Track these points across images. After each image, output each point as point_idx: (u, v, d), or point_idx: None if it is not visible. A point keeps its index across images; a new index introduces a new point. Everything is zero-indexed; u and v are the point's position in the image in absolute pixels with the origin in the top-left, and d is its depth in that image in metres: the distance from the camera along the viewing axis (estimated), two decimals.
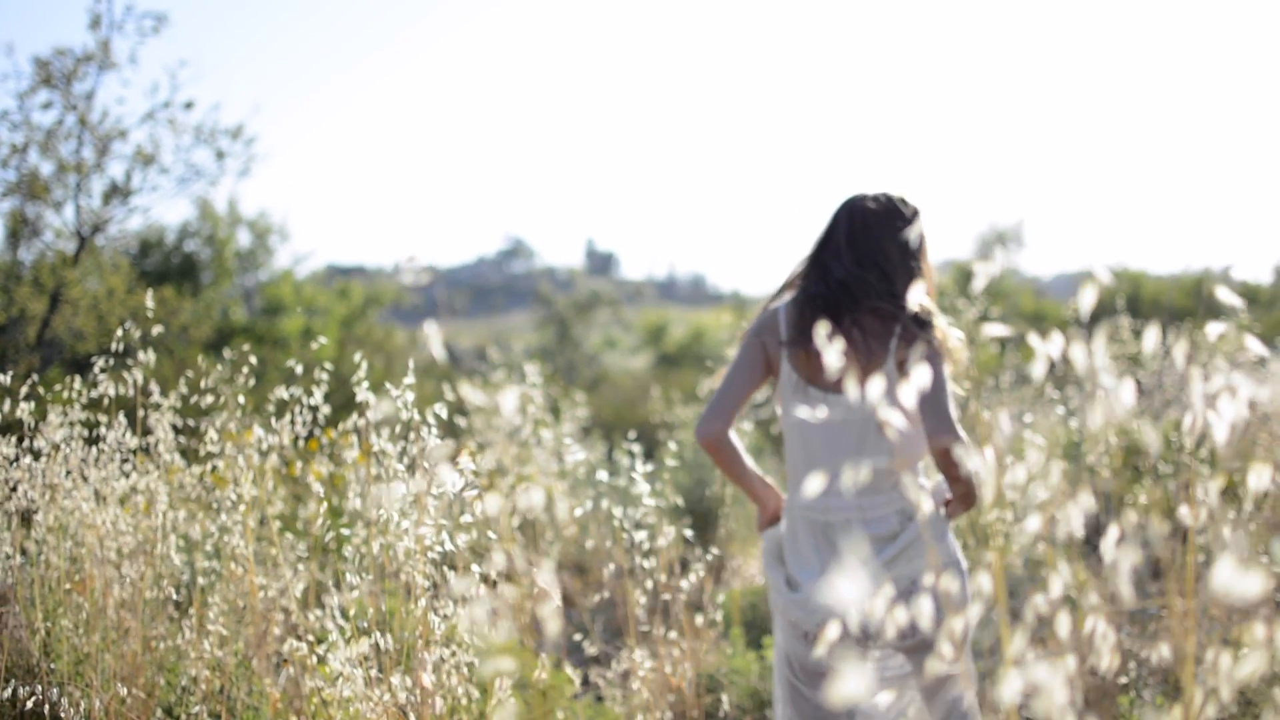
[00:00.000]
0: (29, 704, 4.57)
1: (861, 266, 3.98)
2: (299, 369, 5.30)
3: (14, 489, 5.05)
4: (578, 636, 6.58)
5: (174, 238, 25.02)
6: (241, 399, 5.23)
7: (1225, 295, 2.03)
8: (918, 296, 3.86)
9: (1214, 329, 1.91)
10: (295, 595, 4.86)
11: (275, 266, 27.88)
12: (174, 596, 5.02)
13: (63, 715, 4.57)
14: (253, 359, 5.29)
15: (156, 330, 5.26)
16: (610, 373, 37.52)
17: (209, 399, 5.22)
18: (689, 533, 5.41)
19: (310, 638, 4.36)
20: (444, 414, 4.19)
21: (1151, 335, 1.87)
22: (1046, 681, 1.68)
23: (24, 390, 5.07)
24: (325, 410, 5.32)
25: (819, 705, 4.04)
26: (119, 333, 5.14)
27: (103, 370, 5.11)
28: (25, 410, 5.01)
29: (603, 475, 5.72)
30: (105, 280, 13.28)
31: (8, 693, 4.56)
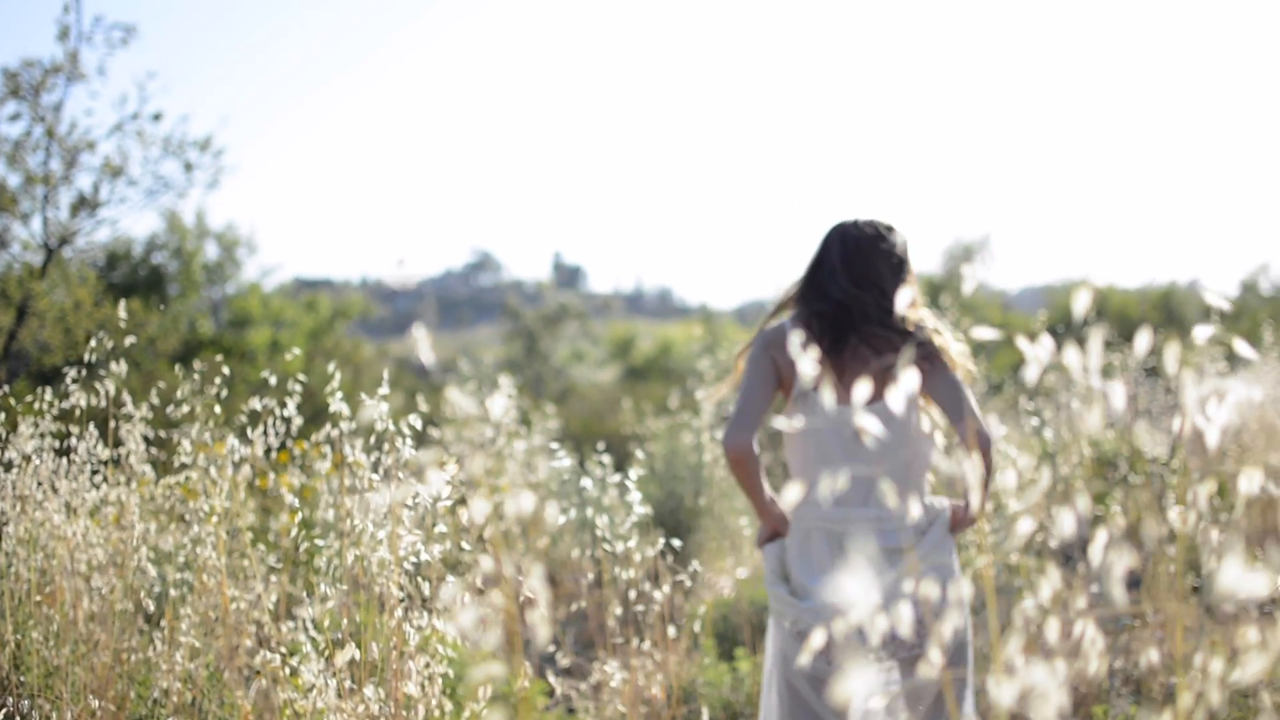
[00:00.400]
0: None
1: (860, 288, 4.16)
2: (272, 380, 5.28)
3: None
4: (550, 648, 6.57)
5: (141, 250, 24.97)
6: (217, 409, 5.21)
7: (1214, 299, 2.05)
8: (921, 312, 4.16)
9: (1202, 332, 1.93)
10: (268, 607, 4.83)
11: (243, 279, 27.89)
12: (146, 608, 4.99)
13: None
14: (225, 369, 5.27)
15: (128, 341, 5.24)
16: (578, 385, 37.55)
17: (181, 410, 5.20)
18: (677, 543, 5.40)
19: (282, 650, 4.34)
20: (418, 424, 4.20)
21: (1143, 340, 1.88)
22: (1043, 685, 1.68)
23: None
24: (298, 422, 5.30)
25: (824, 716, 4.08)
26: (92, 343, 5.12)
27: (74, 381, 5.09)
28: None
29: (587, 484, 5.72)
30: (72, 293, 13.20)
31: None
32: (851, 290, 4.14)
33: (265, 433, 5.18)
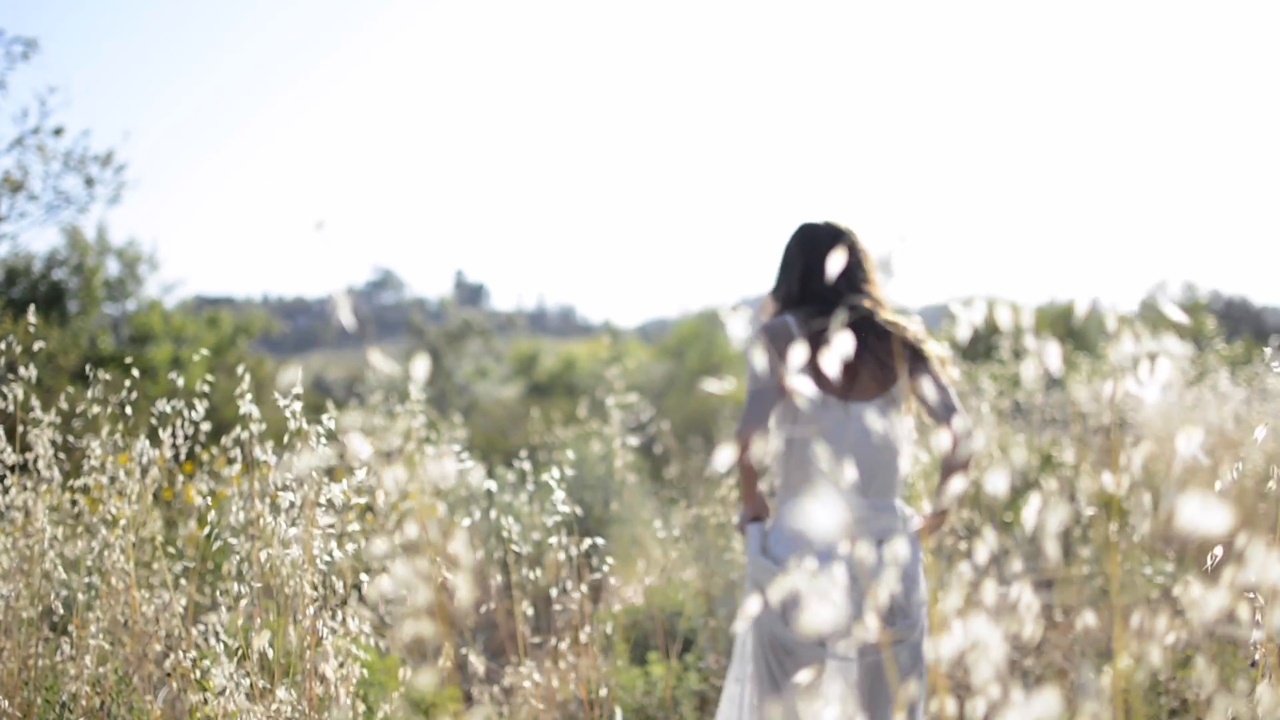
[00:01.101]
0: None
1: (854, 291, 4.36)
2: (179, 381, 5.22)
3: None
4: (463, 650, 6.54)
5: (41, 266, 24.61)
6: (128, 410, 5.15)
7: (1111, 317, 2.09)
8: (912, 319, 4.39)
9: (1136, 297, 1.97)
10: (178, 611, 4.79)
11: (144, 296, 27.58)
12: (56, 610, 4.94)
13: None
14: (135, 372, 5.22)
15: (38, 345, 5.19)
16: (481, 402, 37.49)
17: (89, 415, 5.14)
18: (600, 541, 5.43)
19: (193, 654, 4.31)
20: (330, 425, 4.21)
21: (1053, 350, 1.92)
22: (984, 638, 1.71)
23: None
24: (205, 427, 5.24)
25: (789, 689, 4.22)
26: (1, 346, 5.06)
27: None
28: None
29: (492, 485, 5.73)
30: None
31: None
32: (845, 290, 4.31)
33: (174, 435, 5.13)
